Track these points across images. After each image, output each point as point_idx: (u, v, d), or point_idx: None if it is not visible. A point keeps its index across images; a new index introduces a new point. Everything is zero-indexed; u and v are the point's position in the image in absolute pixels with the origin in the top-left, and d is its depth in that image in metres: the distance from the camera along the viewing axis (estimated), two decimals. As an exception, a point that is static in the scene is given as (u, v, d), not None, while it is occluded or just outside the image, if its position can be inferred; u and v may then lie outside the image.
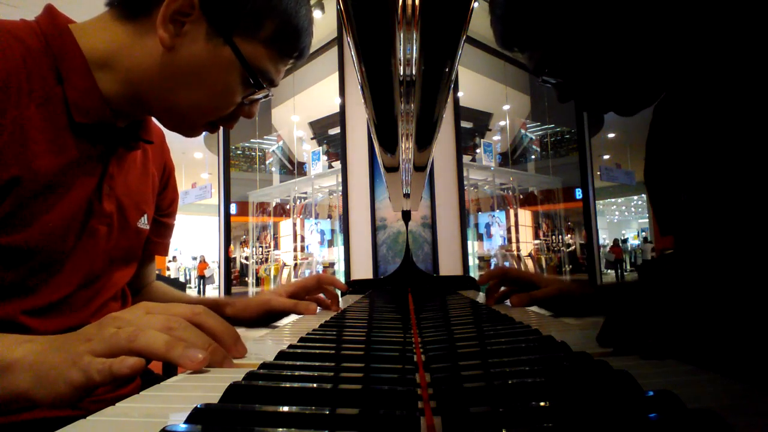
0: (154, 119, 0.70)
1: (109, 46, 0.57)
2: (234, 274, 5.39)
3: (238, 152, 5.83)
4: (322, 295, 0.86)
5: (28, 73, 0.52)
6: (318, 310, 0.83)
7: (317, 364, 0.35)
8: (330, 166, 4.83)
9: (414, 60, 0.30)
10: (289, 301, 0.76)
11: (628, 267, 14.01)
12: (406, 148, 0.51)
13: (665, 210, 0.68)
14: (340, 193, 3.52)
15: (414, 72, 0.31)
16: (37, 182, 0.52)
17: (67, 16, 0.59)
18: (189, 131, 0.65)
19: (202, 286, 11.46)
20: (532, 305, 0.76)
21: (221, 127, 0.66)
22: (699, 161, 0.58)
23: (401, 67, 0.31)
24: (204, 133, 0.67)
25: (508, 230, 5.08)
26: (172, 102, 0.60)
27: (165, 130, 0.77)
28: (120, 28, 0.58)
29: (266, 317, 0.79)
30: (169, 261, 12.31)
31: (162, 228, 0.81)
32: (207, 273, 11.71)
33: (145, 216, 0.72)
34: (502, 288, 0.84)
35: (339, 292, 1.25)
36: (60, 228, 0.55)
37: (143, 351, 0.37)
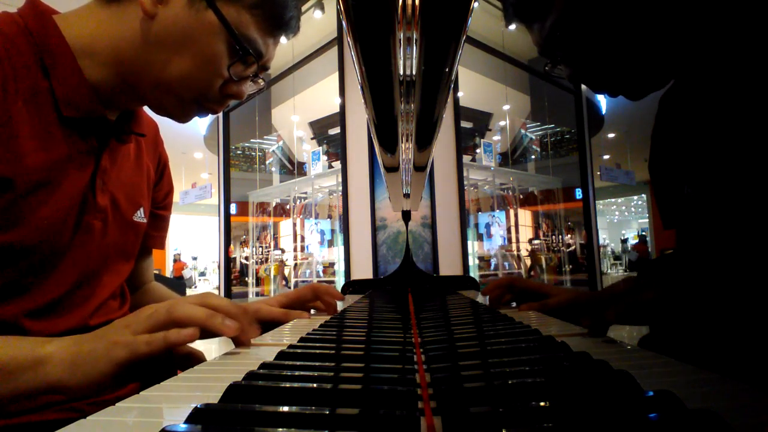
0: (146, 109, 0.69)
1: (94, 33, 0.57)
2: (234, 274, 5.39)
3: (238, 152, 5.83)
4: (319, 303, 0.84)
5: (13, 68, 0.51)
6: (312, 312, 0.82)
7: (317, 364, 0.35)
8: (330, 166, 4.83)
9: (414, 60, 0.30)
10: (279, 310, 0.71)
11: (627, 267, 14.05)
12: (406, 148, 0.51)
13: (669, 202, 0.68)
14: (340, 193, 3.52)
15: (414, 72, 0.31)
16: (28, 179, 0.52)
17: (51, 6, 0.57)
18: (179, 112, 0.62)
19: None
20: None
21: (210, 112, 0.63)
22: (704, 153, 0.57)
23: (401, 67, 0.31)
24: (196, 117, 0.65)
25: (508, 230, 5.08)
26: (158, 75, 0.58)
27: (159, 122, 0.75)
28: (104, 13, 0.57)
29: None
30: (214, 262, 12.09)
31: (159, 221, 0.81)
32: (186, 274, 10.96)
33: (141, 209, 0.71)
34: (507, 296, 0.82)
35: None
36: (54, 224, 0.55)
37: (182, 319, 0.41)
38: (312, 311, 0.83)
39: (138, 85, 0.59)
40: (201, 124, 7.02)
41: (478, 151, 4.91)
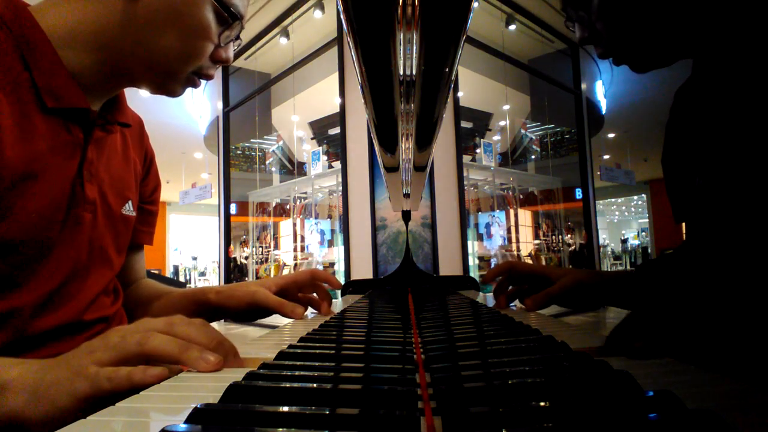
0: (129, 102, 0.69)
1: (72, 21, 0.56)
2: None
3: (238, 152, 5.83)
4: (314, 295, 0.83)
5: None
6: (309, 314, 0.81)
7: (317, 364, 0.35)
8: (330, 166, 4.83)
9: (414, 60, 0.30)
10: (276, 299, 0.71)
11: (628, 267, 14.06)
12: (406, 148, 0.51)
13: (681, 195, 0.68)
14: (340, 193, 3.52)
15: (414, 72, 0.31)
16: (11, 171, 0.51)
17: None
18: (173, 87, 0.63)
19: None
20: (550, 305, 0.70)
21: (201, 81, 0.65)
22: (719, 145, 0.57)
23: (401, 67, 0.31)
24: (185, 90, 0.65)
25: (508, 230, 5.07)
26: (151, 56, 0.58)
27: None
28: (80, 0, 0.56)
29: (251, 311, 0.75)
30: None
31: (147, 216, 0.81)
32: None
33: (130, 202, 0.71)
34: (510, 287, 0.80)
35: (338, 293, 1.24)
36: (43, 217, 0.55)
37: (155, 353, 0.36)
38: (307, 312, 0.82)
39: (128, 68, 0.59)
40: (201, 124, 7.02)
41: (478, 151, 4.91)
